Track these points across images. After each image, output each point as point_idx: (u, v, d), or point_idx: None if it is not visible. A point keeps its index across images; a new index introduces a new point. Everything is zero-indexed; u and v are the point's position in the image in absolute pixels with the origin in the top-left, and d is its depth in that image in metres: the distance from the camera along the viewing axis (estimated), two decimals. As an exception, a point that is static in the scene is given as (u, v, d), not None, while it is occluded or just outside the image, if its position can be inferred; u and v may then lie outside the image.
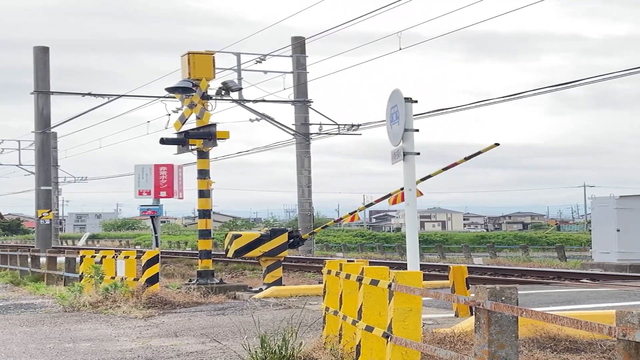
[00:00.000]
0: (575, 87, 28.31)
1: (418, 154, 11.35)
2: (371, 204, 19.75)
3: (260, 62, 38.13)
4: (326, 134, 43.09)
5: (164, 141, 20.91)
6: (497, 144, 14.33)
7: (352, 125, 41.61)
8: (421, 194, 13.09)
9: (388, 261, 29.50)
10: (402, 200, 12.09)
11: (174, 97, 23.75)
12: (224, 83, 22.64)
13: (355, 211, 19.53)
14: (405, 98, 11.30)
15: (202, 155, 20.67)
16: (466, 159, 14.69)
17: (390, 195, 16.13)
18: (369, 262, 18.98)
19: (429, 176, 15.13)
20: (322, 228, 24.81)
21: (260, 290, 18.85)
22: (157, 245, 23.91)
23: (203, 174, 20.66)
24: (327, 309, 10.59)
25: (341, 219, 22.52)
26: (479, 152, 14.53)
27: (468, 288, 13.33)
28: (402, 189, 12.54)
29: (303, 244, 24.57)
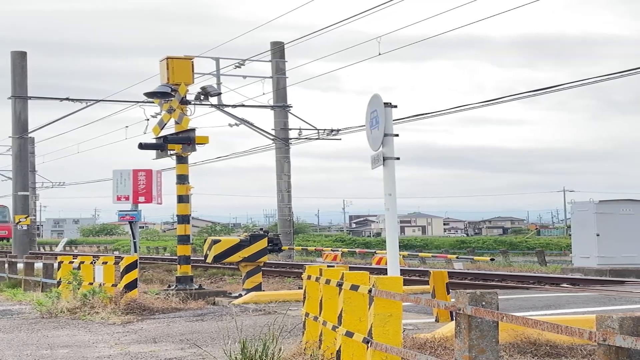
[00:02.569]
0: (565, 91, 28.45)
1: (398, 158, 11.33)
2: None
3: (239, 67, 38.06)
4: (306, 138, 43.09)
5: (142, 146, 20.80)
6: None
7: (332, 130, 41.61)
8: None
9: (368, 266, 29.47)
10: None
11: (153, 102, 23.67)
12: (203, 88, 22.58)
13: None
14: (384, 103, 11.28)
15: (181, 160, 20.59)
16: None
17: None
18: (349, 267, 18.95)
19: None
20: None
21: (240, 295, 18.78)
22: (135, 251, 23.83)
23: (182, 179, 20.57)
24: (307, 314, 10.54)
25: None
26: None
27: (448, 293, 13.32)
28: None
29: (282, 251, 24.53)
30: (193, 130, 20.40)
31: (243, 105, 39.82)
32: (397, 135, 11.36)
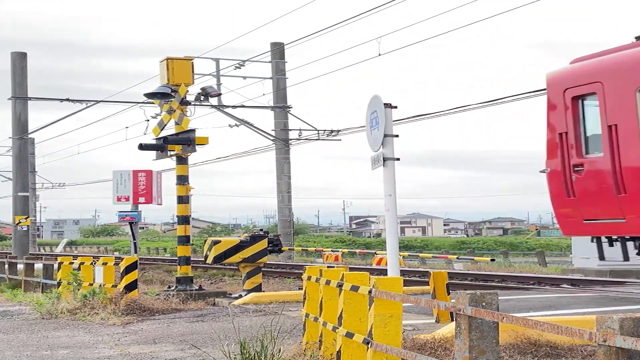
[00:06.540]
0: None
1: (398, 159, 11.34)
2: None
3: (239, 67, 38.09)
4: (306, 139, 43.12)
5: (142, 147, 20.79)
6: None
7: (332, 131, 41.62)
8: None
9: (368, 267, 29.46)
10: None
11: (153, 103, 23.69)
12: (203, 89, 22.57)
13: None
14: (384, 104, 11.29)
15: (181, 161, 20.58)
16: None
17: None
18: (349, 268, 18.94)
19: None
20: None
21: (240, 296, 18.77)
22: (135, 252, 23.82)
23: (182, 179, 20.56)
24: (307, 315, 10.53)
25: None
26: None
27: (449, 294, 13.32)
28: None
29: (282, 252, 24.53)
30: (193, 130, 20.40)
31: (243, 106, 39.85)
32: (397, 136, 11.37)
